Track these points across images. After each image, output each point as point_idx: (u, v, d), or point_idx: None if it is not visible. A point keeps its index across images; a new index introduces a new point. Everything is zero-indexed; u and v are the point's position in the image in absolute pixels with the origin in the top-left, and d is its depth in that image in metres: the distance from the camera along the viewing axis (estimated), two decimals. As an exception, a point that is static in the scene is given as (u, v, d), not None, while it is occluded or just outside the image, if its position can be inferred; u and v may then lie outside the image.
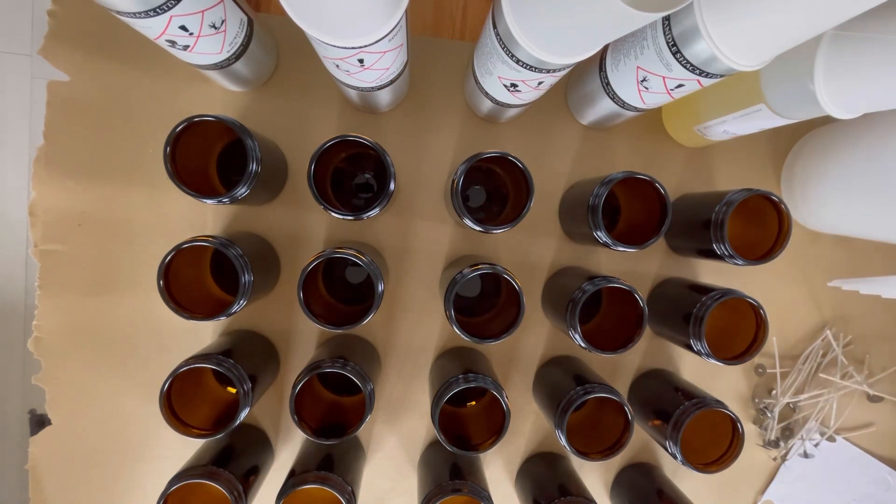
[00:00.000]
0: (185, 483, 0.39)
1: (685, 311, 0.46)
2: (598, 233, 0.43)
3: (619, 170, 0.42)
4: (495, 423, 0.43)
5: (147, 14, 0.32)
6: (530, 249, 0.52)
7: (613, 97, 0.42)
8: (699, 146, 0.52)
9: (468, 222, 0.40)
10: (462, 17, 0.50)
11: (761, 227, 0.45)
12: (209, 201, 0.39)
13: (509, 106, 0.43)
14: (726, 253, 0.43)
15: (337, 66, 0.36)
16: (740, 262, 0.43)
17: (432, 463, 0.49)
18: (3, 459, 1.14)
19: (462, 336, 0.41)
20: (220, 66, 0.41)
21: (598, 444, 0.45)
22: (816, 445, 0.56)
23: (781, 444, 0.55)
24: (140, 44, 0.46)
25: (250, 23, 0.41)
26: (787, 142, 0.54)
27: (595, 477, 0.55)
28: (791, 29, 0.29)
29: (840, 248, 0.55)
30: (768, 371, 0.55)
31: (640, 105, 0.41)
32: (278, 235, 0.49)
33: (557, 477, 0.50)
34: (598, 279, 0.43)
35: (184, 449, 0.46)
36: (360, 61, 0.34)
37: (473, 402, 0.50)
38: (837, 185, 0.48)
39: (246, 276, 0.40)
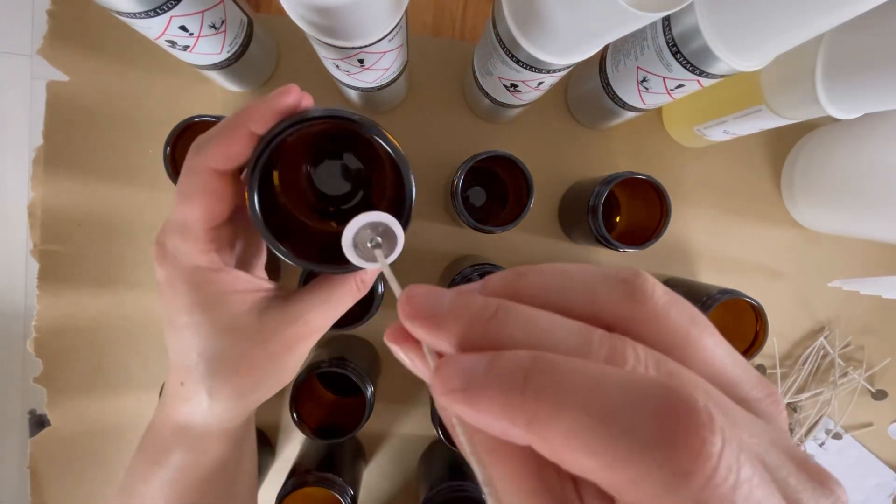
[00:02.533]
0: (185, 483, 0.39)
1: (685, 312, 0.46)
2: (598, 233, 0.43)
3: (619, 170, 0.42)
4: (495, 424, 0.42)
5: (147, 14, 0.32)
6: (530, 249, 0.52)
7: (613, 97, 0.42)
8: (699, 146, 0.52)
9: (468, 222, 0.40)
10: (462, 17, 0.50)
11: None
12: (209, 201, 0.39)
13: (509, 106, 0.43)
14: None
15: (337, 66, 0.36)
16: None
17: (432, 463, 0.49)
18: (3, 459, 1.14)
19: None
20: (220, 67, 0.41)
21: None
22: (822, 445, 0.56)
23: (781, 444, 0.55)
24: (140, 44, 0.46)
25: (250, 23, 0.41)
26: (787, 142, 0.54)
27: (595, 477, 0.55)
28: (791, 29, 0.29)
29: (840, 248, 0.55)
30: (768, 371, 0.55)
31: (640, 105, 0.41)
32: (278, 235, 0.49)
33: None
34: (598, 279, 0.43)
35: (184, 449, 0.46)
36: (360, 62, 0.34)
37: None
38: (838, 186, 0.48)
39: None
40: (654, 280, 0.13)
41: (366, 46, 0.32)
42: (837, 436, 0.56)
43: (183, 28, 0.35)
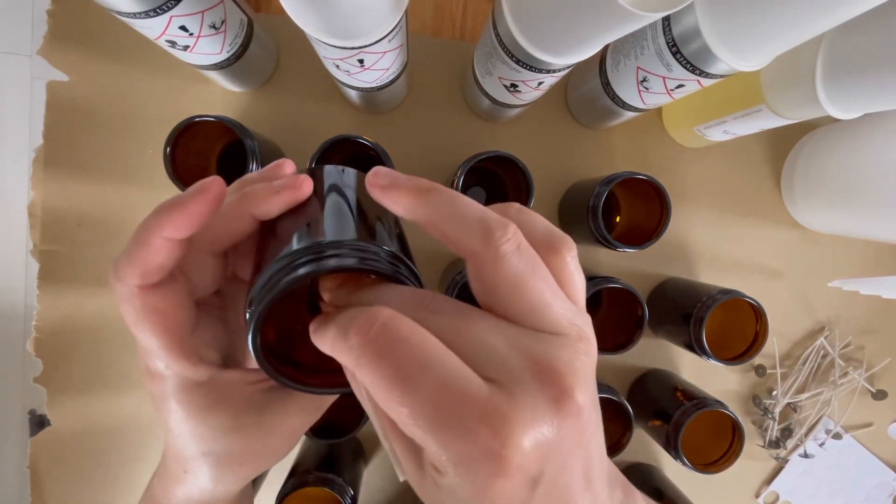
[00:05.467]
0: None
1: (685, 311, 0.46)
2: (598, 233, 0.43)
3: (619, 170, 0.42)
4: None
5: (147, 14, 0.32)
6: (530, 249, 0.52)
7: (613, 97, 0.42)
8: (699, 146, 0.52)
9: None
10: (462, 17, 0.50)
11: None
12: (209, 201, 0.39)
13: (509, 106, 0.43)
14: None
15: (337, 66, 0.36)
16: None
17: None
18: (3, 459, 1.14)
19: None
20: (220, 67, 0.41)
21: (598, 445, 0.45)
22: (822, 445, 0.56)
23: (782, 444, 0.55)
24: (140, 44, 0.46)
25: (250, 23, 0.41)
26: (787, 142, 0.54)
27: (595, 477, 0.55)
28: (791, 29, 0.29)
29: (840, 248, 0.55)
30: (768, 371, 0.55)
31: (640, 105, 0.41)
32: (278, 235, 0.49)
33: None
34: (598, 279, 0.43)
35: (184, 449, 0.46)
36: (360, 62, 0.34)
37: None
38: (838, 186, 0.48)
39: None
40: (513, 239, 0.16)
41: (366, 46, 0.32)
42: (837, 436, 0.56)
43: (183, 28, 0.35)
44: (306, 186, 0.21)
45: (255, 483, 0.46)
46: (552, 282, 0.17)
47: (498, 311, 0.17)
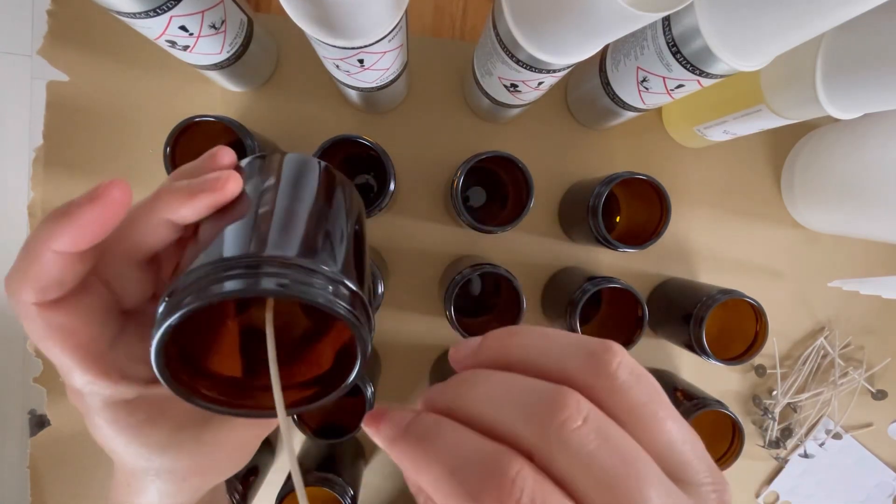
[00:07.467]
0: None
1: (685, 311, 0.46)
2: (598, 233, 0.43)
3: (619, 170, 0.42)
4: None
5: (147, 14, 0.32)
6: (530, 249, 0.52)
7: (613, 97, 0.42)
8: (699, 146, 0.52)
9: (468, 222, 0.40)
10: (462, 17, 0.50)
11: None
12: (209, 201, 0.39)
13: (509, 106, 0.43)
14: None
15: (337, 66, 0.36)
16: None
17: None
18: (3, 459, 1.14)
19: (462, 336, 0.41)
20: (220, 67, 0.41)
21: (598, 445, 0.45)
22: (822, 445, 0.56)
23: (782, 444, 0.55)
24: (140, 44, 0.46)
25: (250, 23, 0.41)
26: (787, 142, 0.54)
27: (595, 477, 0.55)
28: (791, 29, 0.29)
29: (840, 248, 0.55)
30: (768, 371, 0.55)
31: (640, 105, 0.41)
32: (278, 235, 0.49)
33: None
34: (598, 279, 0.43)
35: (184, 449, 0.46)
36: (360, 62, 0.34)
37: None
38: (838, 185, 0.48)
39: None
40: (621, 358, 0.15)
41: (366, 46, 0.32)
42: (837, 436, 0.56)
43: (183, 28, 0.35)
44: (231, 187, 0.18)
45: (254, 482, 0.46)
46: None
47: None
